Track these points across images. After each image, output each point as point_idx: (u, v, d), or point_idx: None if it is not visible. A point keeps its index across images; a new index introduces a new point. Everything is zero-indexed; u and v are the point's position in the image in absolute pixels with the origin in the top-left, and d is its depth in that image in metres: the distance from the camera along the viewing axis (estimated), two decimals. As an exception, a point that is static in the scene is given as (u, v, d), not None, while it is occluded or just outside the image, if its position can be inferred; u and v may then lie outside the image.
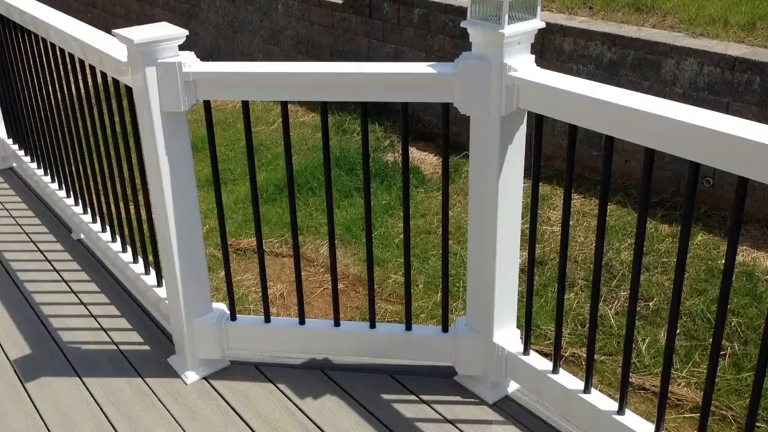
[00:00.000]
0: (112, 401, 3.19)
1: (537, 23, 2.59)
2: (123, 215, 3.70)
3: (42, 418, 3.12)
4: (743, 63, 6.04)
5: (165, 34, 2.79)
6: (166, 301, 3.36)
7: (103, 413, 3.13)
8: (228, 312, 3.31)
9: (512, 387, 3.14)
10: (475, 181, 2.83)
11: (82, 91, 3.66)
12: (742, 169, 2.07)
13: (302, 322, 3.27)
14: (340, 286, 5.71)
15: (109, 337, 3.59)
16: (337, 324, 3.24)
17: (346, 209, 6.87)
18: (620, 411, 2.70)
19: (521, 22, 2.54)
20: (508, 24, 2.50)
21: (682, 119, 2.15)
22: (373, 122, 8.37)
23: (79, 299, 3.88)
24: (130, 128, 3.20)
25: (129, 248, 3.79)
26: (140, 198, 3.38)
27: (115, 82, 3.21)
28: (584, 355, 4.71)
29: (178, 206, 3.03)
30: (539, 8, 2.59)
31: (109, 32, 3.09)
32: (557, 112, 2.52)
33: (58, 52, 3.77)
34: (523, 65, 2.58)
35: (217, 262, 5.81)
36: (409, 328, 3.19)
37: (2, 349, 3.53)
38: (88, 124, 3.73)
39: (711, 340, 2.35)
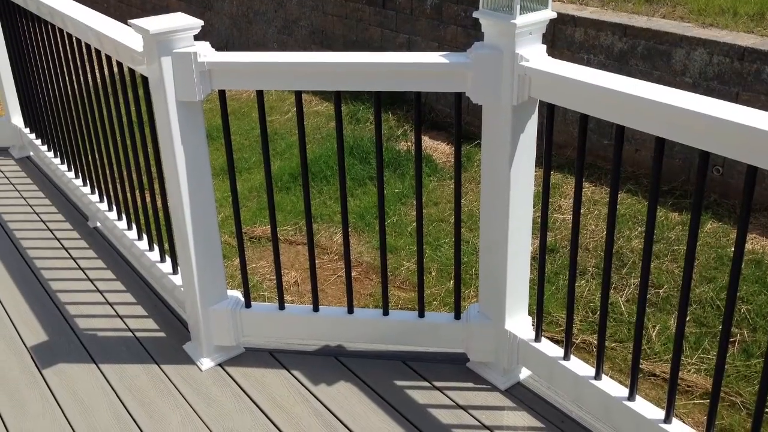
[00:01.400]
0: (128, 387, 3.22)
1: (548, 13, 2.60)
2: (139, 203, 3.73)
3: (59, 404, 3.15)
4: (752, 53, 6.03)
5: (180, 24, 2.81)
6: (182, 289, 3.39)
7: (119, 399, 3.16)
8: (243, 299, 3.34)
9: (524, 373, 3.16)
10: (487, 170, 2.84)
11: (99, 80, 3.69)
12: (752, 157, 2.09)
13: (316, 309, 3.29)
14: (354, 273, 5.73)
15: (125, 324, 3.62)
16: (350, 311, 3.27)
17: (359, 197, 6.89)
18: (631, 397, 2.72)
19: (533, 12, 2.56)
20: (520, 14, 2.52)
21: (692, 108, 2.16)
22: (386, 111, 8.38)
23: (96, 287, 3.92)
24: (145, 117, 3.22)
25: (145, 236, 3.81)
26: (156, 186, 3.41)
27: (131, 71, 3.23)
28: (595, 342, 4.73)
29: (194, 194, 3.05)
30: (551, -2, 2.61)
31: (125, 22, 3.12)
32: (568, 102, 2.54)
33: (74, 42, 3.80)
34: (535, 55, 2.59)
35: (231, 249, 5.84)
36: (421, 315, 3.21)
37: (19, 335, 3.56)
38: (105, 113, 3.75)
39: (720, 327, 2.36)
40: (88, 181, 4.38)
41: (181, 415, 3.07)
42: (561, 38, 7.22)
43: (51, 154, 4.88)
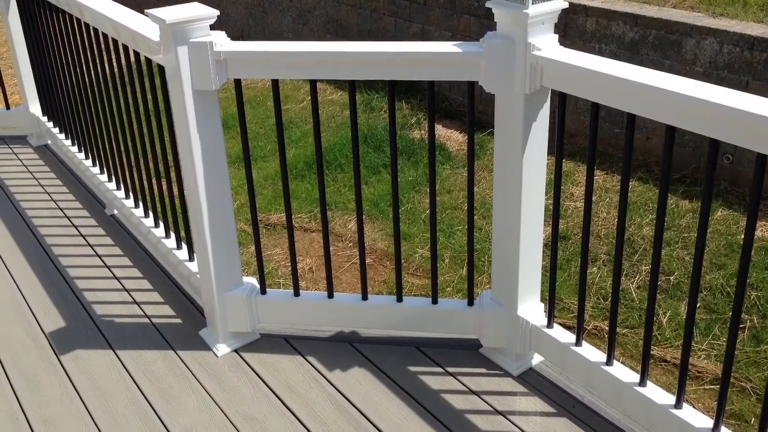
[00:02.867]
0: (144, 373, 3.25)
1: (560, 3, 2.61)
2: (155, 191, 3.76)
3: (76, 390, 3.18)
4: (762, 42, 6.03)
5: (196, 14, 2.83)
6: (198, 276, 3.41)
7: (136, 384, 3.19)
8: (258, 286, 3.36)
9: (536, 359, 3.17)
10: (500, 158, 2.86)
11: (116, 69, 3.71)
12: (761, 145, 2.11)
13: (331, 295, 3.31)
14: (368, 260, 5.75)
15: (142, 310, 3.65)
16: (364, 298, 3.29)
17: (373, 185, 6.90)
18: (642, 383, 2.74)
19: (545, 2, 2.56)
20: (532, 4, 2.53)
21: (702, 97, 2.18)
22: (400, 100, 8.39)
23: (113, 273, 3.95)
24: (162, 106, 3.25)
25: (161, 223, 3.84)
26: (172, 174, 3.43)
27: (148, 61, 3.26)
28: (607, 328, 4.75)
29: (210, 182, 3.07)
30: (563, -12, 2.63)
31: (142, 12, 3.14)
32: (580, 91, 2.56)
33: (92, 32, 3.82)
34: (547, 44, 2.61)
35: (247, 237, 5.85)
36: (435, 301, 3.22)
37: (37, 321, 3.60)
38: (122, 102, 3.77)
39: (730, 314, 2.39)
40: (105, 169, 4.41)
41: (197, 401, 3.10)
42: (573, 28, 7.22)
43: (68, 142, 4.91)
